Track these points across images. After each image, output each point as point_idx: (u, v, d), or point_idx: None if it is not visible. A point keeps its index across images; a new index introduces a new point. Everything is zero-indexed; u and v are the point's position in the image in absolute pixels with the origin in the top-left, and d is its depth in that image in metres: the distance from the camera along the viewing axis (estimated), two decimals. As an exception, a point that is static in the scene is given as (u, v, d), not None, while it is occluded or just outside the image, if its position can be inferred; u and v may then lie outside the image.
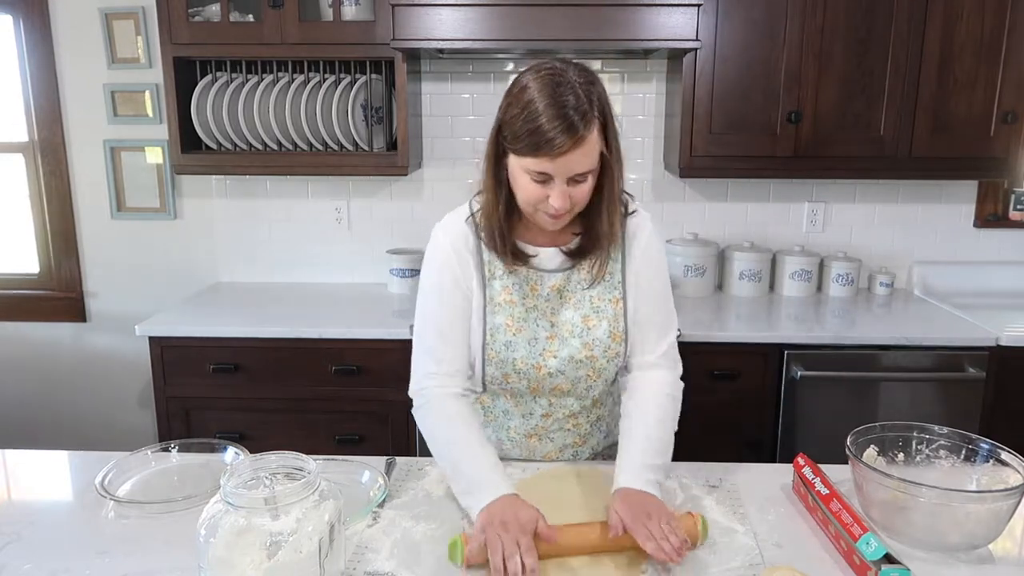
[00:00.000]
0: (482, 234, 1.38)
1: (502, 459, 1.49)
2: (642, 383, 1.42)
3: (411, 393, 1.42)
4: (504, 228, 1.34)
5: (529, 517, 1.17)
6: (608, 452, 1.60)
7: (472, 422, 1.36)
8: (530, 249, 1.38)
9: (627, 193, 1.40)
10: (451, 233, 1.40)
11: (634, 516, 1.18)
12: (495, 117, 1.29)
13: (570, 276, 1.40)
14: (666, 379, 1.43)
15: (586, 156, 1.23)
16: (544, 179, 1.24)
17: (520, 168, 1.26)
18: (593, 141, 1.23)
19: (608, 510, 1.22)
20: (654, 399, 1.40)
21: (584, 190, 1.27)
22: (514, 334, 1.38)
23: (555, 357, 1.40)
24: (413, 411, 1.41)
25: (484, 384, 1.44)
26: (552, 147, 1.19)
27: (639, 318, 1.42)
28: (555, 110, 1.19)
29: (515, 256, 1.37)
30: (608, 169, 1.29)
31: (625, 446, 1.34)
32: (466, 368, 1.41)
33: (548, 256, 1.39)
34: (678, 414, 1.42)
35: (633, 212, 1.42)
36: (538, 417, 1.48)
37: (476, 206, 1.40)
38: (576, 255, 1.39)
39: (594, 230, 1.35)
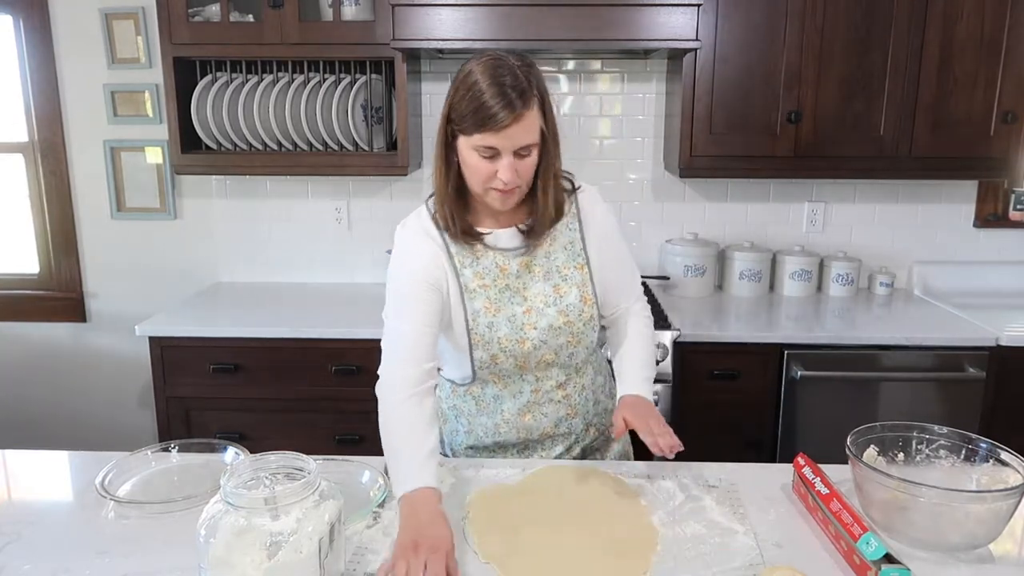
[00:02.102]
0: (439, 222, 1.44)
1: (500, 444, 1.54)
2: (626, 319, 1.58)
3: (380, 372, 1.40)
4: (455, 209, 1.42)
5: (441, 535, 1.14)
6: (603, 432, 1.62)
7: (424, 419, 1.33)
8: (488, 237, 1.45)
9: (567, 173, 1.50)
10: (412, 228, 1.47)
11: (637, 416, 1.37)
12: (444, 105, 1.38)
13: (534, 253, 1.47)
14: (639, 309, 1.60)
15: (528, 130, 1.33)
16: (492, 154, 1.33)
17: (469, 147, 1.34)
18: (533, 117, 1.33)
19: (614, 416, 1.41)
20: (634, 325, 1.57)
21: (529, 164, 1.37)
22: (494, 315, 1.44)
23: (535, 328, 1.45)
24: (377, 387, 1.39)
25: (474, 371, 1.48)
26: (496, 121, 1.29)
27: (611, 282, 1.53)
28: (496, 88, 1.30)
29: (467, 234, 1.43)
30: (546, 146, 1.38)
31: (621, 362, 1.54)
32: (434, 355, 1.41)
33: (505, 236, 1.46)
34: (652, 332, 1.60)
35: (579, 188, 1.52)
36: (528, 394, 1.52)
37: (433, 206, 1.46)
38: (531, 234, 1.46)
39: (538, 206, 1.43)
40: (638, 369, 1.51)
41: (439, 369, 1.56)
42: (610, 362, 1.61)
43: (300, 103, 2.59)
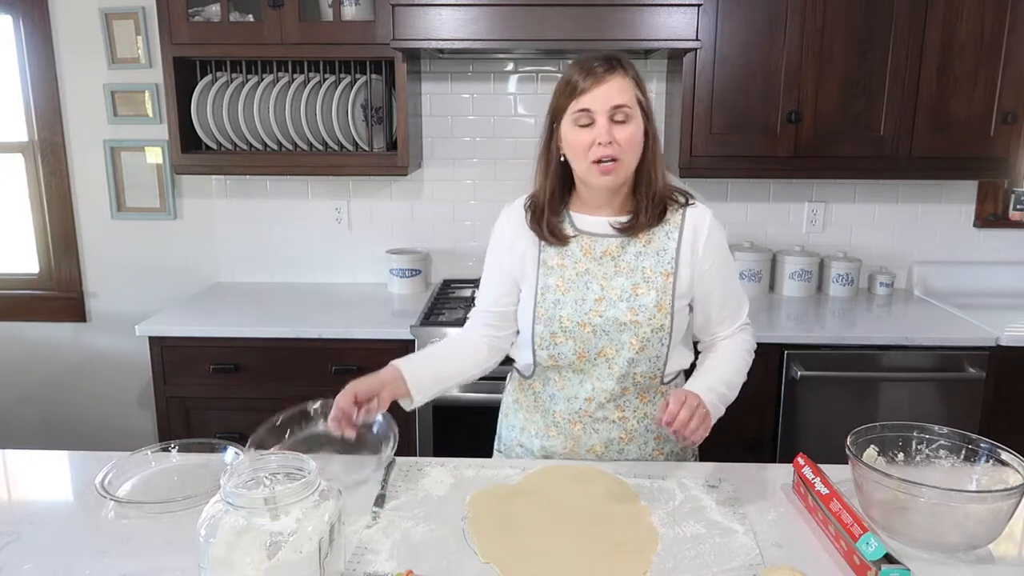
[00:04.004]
0: (531, 220, 1.53)
1: (546, 450, 1.57)
2: (722, 339, 1.57)
3: None
4: (549, 207, 1.50)
5: (378, 380, 1.42)
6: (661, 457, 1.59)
7: (457, 347, 1.62)
8: (584, 219, 1.51)
9: (683, 189, 1.54)
10: (512, 209, 1.57)
11: (676, 398, 1.31)
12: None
13: (625, 246, 1.49)
14: (743, 338, 1.58)
15: (619, 91, 1.39)
16: (588, 120, 1.39)
17: (568, 124, 1.42)
18: (624, 82, 1.40)
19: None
20: (730, 348, 1.55)
21: (627, 134, 1.40)
22: (563, 293, 1.48)
23: (600, 317, 1.46)
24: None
25: (534, 351, 1.50)
26: (584, 84, 1.39)
27: (712, 309, 1.53)
28: (584, 62, 1.42)
29: (554, 236, 1.50)
30: (647, 128, 1.44)
31: (696, 374, 1.51)
32: (490, 317, 1.58)
33: (600, 227, 1.50)
34: (748, 366, 1.57)
35: (692, 203, 1.53)
36: (582, 401, 1.51)
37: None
38: (625, 231, 1.48)
39: (641, 197, 1.48)
40: (713, 382, 1.45)
41: (512, 360, 1.64)
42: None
43: (300, 103, 2.59)
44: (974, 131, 2.52)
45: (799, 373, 2.37)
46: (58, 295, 3.05)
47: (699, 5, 2.32)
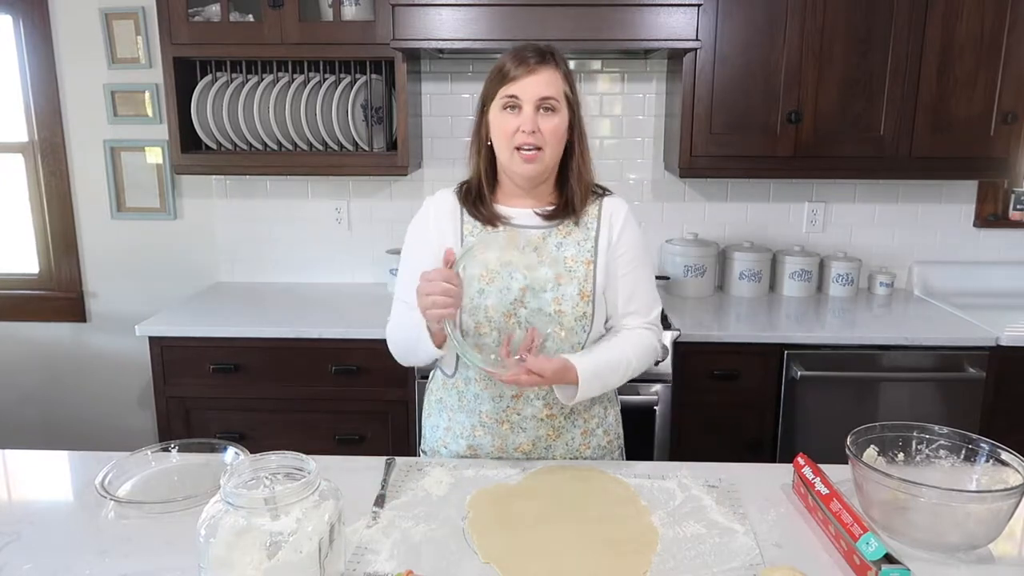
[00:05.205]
0: (463, 201, 1.54)
1: (474, 448, 1.55)
2: (629, 330, 1.55)
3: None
4: (484, 190, 1.52)
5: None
6: (593, 454, 1.59)
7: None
8: (508, 211, 1.52)
9: (601, 185, 1.58)
10: (436, 200, 1.58)
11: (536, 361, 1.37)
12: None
13: (546, 237, 1.51)
14: (650, 339, 1.55)
15: (547, 84, 1.42)
16: (514, 104, 1.42)
17: (496, 109, 1.44)
18: (554, 75, 1.43)
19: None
20: (623, 335, 1.53)
21: (552, 126, 1.43)
22: (487, 283, 1.48)
23: (525, 307, 1.47)
24: (386, 331, 1.60)
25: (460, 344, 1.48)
26: (515, 72, 1.41)
27: (616, 295, 1.53)
28: (517, 50, 1.44)
29: (493, 216, 1.52)
30: (573, 121, 1.46)
31: (589, 351, 1.50)
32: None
33: (525, 216, 1.52)
34: (640, 365, 1.53)
35: (608, 194, 1.57)
36: (508, 399, 1.51)
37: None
38: (550, 218, 1.51)
39: (567, 190, 1.51)
40: (588, 354, 1.46)
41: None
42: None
43: (300, 103, 2.59)
44: (974, 131, 2.52)
45: (799, 373, 2.37)
46: (58, 295, 3.05)
47: (699, 5, 2.32)
